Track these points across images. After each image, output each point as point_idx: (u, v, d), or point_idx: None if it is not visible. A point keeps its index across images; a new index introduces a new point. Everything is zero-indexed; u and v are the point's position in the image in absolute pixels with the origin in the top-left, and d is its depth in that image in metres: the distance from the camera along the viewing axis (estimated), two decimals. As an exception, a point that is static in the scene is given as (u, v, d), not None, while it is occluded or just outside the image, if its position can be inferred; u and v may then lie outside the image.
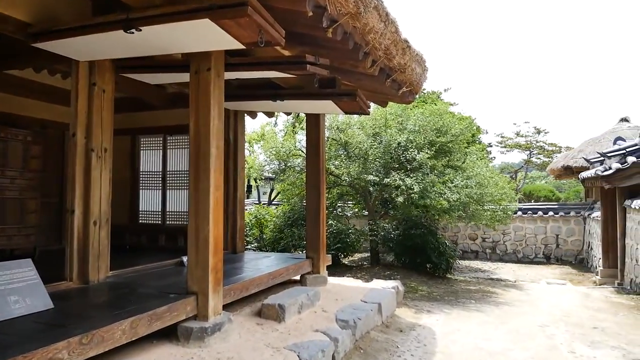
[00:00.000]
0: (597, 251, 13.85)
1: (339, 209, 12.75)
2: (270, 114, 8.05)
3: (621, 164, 10.45)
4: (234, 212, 7.37)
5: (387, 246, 11.01)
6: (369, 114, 7.14)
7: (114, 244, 5.00)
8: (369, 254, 11.89)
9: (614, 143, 12.56)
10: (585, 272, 14.29)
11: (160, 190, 7.90)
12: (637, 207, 9.57)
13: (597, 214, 14.18)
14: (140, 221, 8.00)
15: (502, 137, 34.52)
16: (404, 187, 8.93)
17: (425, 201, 8.88)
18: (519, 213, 16.40)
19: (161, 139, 7.95)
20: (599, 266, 13.35)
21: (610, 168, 10.53)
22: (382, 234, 10.87)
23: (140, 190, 8.05)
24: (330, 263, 7.54)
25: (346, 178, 9.77)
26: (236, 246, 7.38)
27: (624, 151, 10.68)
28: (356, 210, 13.71)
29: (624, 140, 12.46)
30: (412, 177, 9.13)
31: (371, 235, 10.92)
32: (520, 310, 7.94)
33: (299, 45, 5.12)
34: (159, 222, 7.86)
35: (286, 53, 5.21)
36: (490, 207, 10.62)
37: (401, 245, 10.75)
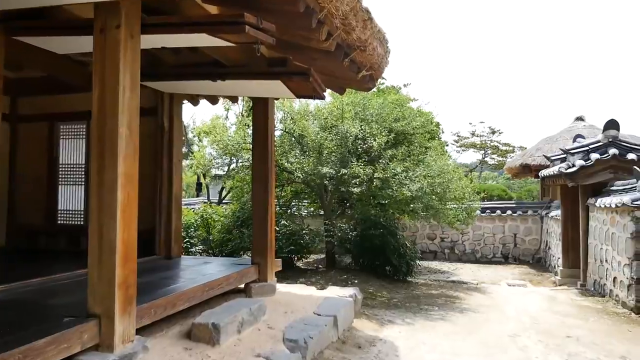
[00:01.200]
0: (556, 251, 13.62)
1: (294, 208, 11.91)
2: (213, 100, 7.09)
3: (585, 161, 10.09)
4: (168, 210, 6.38)
5: (344, 248, 10.25)
6: (323, 98, 6.31)
7: (23, 249, 3.96)
8: (325, 256, 11.09)
9: (574, 141, 12.28)
10: (543, 272, 14.03)
11: (83, 186, 6.79)
12: (601, 206, 9.20)
13: (555, 212, 13.96)
14: (59, 222, 6.86)
15: (458, 136, 34.67)
16: (363, 176, 8.17)
17: (386, 191, 8.16)
18: (477, 212, 16.04)
19: (85, 126, 6.84)
20: (559, 266, 13.10)
21: (574, 165, 10.16)
22: (339, 234, 10.10)
23: (59, 186, 6.90)
24: (280, 268, 6.68)
25: (300, 175, 8.94)
26: (171, 250, 6.39)
27: (587, 148, 10.35)
28: (312, 209, 12.90)
29: (584, 138, 12.21)
30: (372, 167, 8.39)
31: (327, 237, 10.14)
32: (487, 317, 7.33)
33: (238, 9, 4.24)
34: (82, 222, 6.74)
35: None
36: (453, 206, 10.04)
37: (359, 247, 10.01)
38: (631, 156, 9.99)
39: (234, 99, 7.43)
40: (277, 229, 10.35)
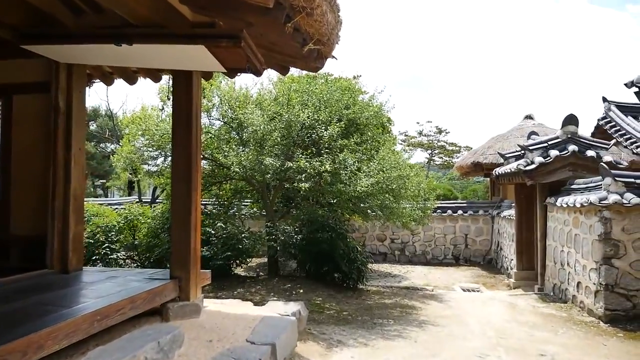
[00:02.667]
0: (509, 252, 13.16)
1: (235, 209, 10.71)
2: (128, 76, 5.81)
3: (544, 157, 9.54)
4: (64, 213, 5.05)
5: (289, 253, 9.16)
6: (260, 73, 5.21)
7: None
8: (267, 262, 9.96)
9: (528, 138, 11.77)
10: (496, 274, 13.54)
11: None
12: (562, 205, 8.63)
13: (507, 212, 13.52)
14: None
15: (405, 135, 34.45)
16: (310, 170, 7.13)
17: (337, 187, 7.16)
18: (428, 212, 15.43)
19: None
20: (512, 268, 12.63)
21: (532, 162, 9.58)
22: (283, 238, 9.00)
23: None
24: (208, 281, 5.54)
25: (238, 170, 7.77)
26: (68, 263, 5.06)
27: (546, 144, 9.81)
28: (255, 210, 11.74)
29: (538, 135, 11.75)
30: (320, 159, 7.38)
31: (269, 240, 9.02)
32: (449, 331, 6.48)
33: None
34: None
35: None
36: (407, 205, 9.19)
37: (305, 252, 8.97)
38: (590, 153, 9.53)
39: (155, 76, 6.15)
40: (213, 232, 9.16)
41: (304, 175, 7.11)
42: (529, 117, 16.97)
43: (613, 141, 10.46)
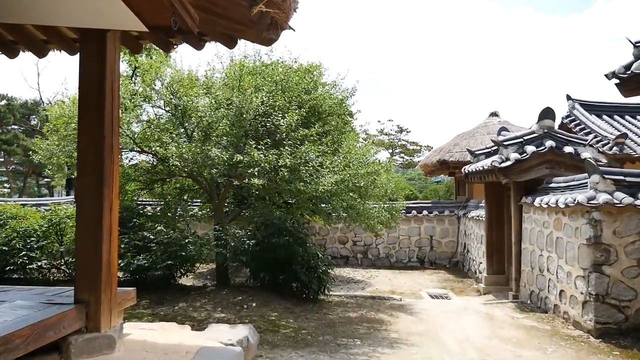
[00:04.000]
0: (477, 254, 12.49)
1: (180, 210, 9.49)
2: (8, 50, 4.56)
3: (520, 154, 8.81)
4: None
5: (240, 260, 8.04)
6: (199, 43, 4.14)
7: None
8: (216, 270, 8.79)
9: (499, 134, 11.10)
10: (463, 278, 12.86)
11: None
12: (542, 206, 7.90)
13: (475, 212, 12.86)
14: None
15: (367, 134, 33.76)
16: (264, 164, 6.04)
17: (296, 185, 6.13)
18: (396, 213, 14.62)
19: None
20: (480, 272, 11.95)
21: (508, 159, 8.85)
22: (233, 243, 7.88)
23: None
24: (132, 302, 4.38)
25: (177, 163, 6.59)
26: None
27: (522, 140, 9.10)
28: (205, 211, 10.52)
29: (509, 131, 11.10)
30: (277, 152, 6.31)
31: (218, 246, 7.88)
32: (425, 353, 5.55)
33: None
34: None
35: None
36: (374, 205, 8.25)
37: (259, 259, 7.88)
38: (568, 149, 8.89)
39: (68, 46, 4.90)
40: (153, 237, 7.94)
41: (257, 169, 6.02)
42: (494, 114, 16.46)
43: (590, 137, 9.89)
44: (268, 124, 6.71)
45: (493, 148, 10.90)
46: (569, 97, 14.21)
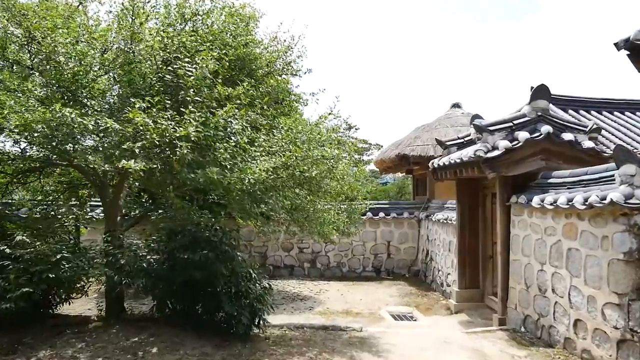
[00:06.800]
0: (444, 264, 10.68)
1: (64, 210, 6.98)
2: None
3: (510, 142, 6.99)
4: None
5: (139, 284, 5.65)
6: None
7: None
8: (105, 298, 6.33)
9: (472, 122, 9.29)
10: (427, 291, 11.01)
11: None
12: (544, 206, 6.07)
13: (441, 215, 11.06)
14: None
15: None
16: (155, 135, 3.70)
17: (209, 170, 3.86)
18: (369, 214, 12.63)
19: None
20: (449, 285, 10.14)
21: (495, 148, 7.00)
22: (127, 261, 5.50)
23: None
24: None
25: (23, 138, 4.13)
26: None
27: (511, 124, 7.28)
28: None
29: (482, 119, 9.30)
30: (176, 115, 3.99)
31: (108, 264, 5.49)
32: None
33: None
34: None
35: None
36: (328, 206, 6.13)
37: (167, 282, 5.56)
38: (567, 137, 7.15)
39: None
40: (9, 251, 5.47)
41: (138, 144, 3.73)
42: (456, 105, 14.80)
43: (591, 122, 8.24)
44: (167, 77, 4.41)
45: (466, 139, 9.09)
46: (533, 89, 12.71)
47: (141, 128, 3.77)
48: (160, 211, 6.39)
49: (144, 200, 7.05)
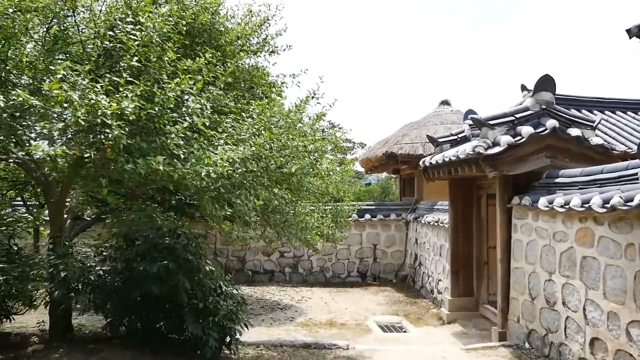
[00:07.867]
0: (434, 269, 10.00)
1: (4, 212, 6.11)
2: None
3: (513, 137, 6.31)
4: None
5: (90, 299, 4.81)
6: None
7: None
8: (49, 314, 5.46)
9: (465, 118, 8.68)
10: (416, 298, 10.33)
11: None
12: (554, 208, 5.41)
13: (431, 217, 10.39)
14: None
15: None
16: (77, 111, 2.86)
17: (152, 160, 3.03)
18: (354, 216, 11.89)
19: None
20: (440, 292, 9.46)
21: (497, 144, 6.32)
22: (76, 270, 4.67)
23: None
24: None
25: None
26: None
27: (512, 118, 6.62)
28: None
29: (476, 114, 8.63)
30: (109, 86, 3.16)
31: (53, 278, 4.64)
32: None
33: None
34: None
35: None
36: (311, 208, 5.37)
37: (121, 296, 4.73)
38: (574, 132, 6.51)
39: None
40: None
41: (59, 125, 2.89)
42: (445, 102, 14.20)
43: (598, 117, 7.63)
44: (108, 43, 3.58)
45: (460, 135, 8.46)
46: (524, 88, 12.11)
47: (54, 97, 2.93)
48: (117, 213, 5.55)
49: (99, 200, 6.20)
